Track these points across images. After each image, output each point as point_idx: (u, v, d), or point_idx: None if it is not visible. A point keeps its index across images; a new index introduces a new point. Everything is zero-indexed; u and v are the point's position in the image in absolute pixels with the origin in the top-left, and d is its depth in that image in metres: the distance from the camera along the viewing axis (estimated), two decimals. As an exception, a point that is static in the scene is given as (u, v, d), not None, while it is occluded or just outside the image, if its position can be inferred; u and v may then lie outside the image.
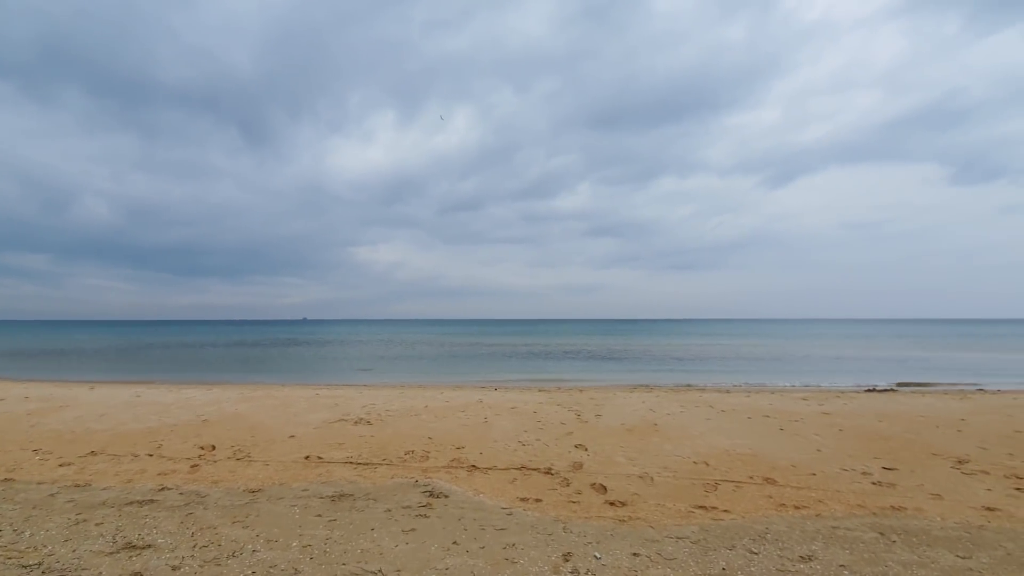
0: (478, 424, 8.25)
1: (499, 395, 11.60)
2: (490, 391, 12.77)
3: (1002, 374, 20.54)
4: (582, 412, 9.20)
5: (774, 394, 11.38)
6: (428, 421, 8.48)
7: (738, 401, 10.31)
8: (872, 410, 9.20)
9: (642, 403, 10.13)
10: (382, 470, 5.91)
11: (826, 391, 12.87)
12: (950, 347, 37.45)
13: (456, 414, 9.09)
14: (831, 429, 7.73)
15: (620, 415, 8.91)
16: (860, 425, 8.00)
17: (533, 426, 8.08)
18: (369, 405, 9.95)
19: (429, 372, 21.96)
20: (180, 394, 11.60)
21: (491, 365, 25.42)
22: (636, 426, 8.03)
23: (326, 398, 10.93)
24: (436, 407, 9.78)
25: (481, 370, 22.93)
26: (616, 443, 6.99)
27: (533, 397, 11.21)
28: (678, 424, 8.15)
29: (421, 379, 18.87)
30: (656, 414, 8.98)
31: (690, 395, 11.49)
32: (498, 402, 10.37)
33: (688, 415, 8.87)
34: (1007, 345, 39.44)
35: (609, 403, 10.20)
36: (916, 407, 9.56)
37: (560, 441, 7.13)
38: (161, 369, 23.94)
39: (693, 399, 10.66)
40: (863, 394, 11.89)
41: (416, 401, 10.48)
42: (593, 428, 7.92)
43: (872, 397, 10.97)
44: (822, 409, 9.34)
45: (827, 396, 11.20)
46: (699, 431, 7.66)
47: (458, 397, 11.13)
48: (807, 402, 10.11)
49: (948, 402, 10.12)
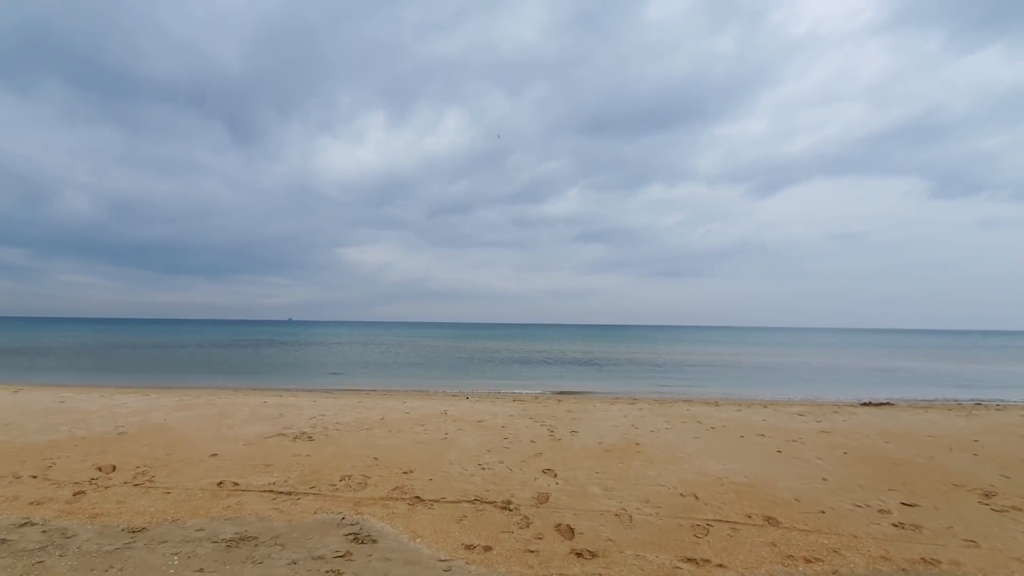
0: (436, 441, 7.22)
1: (468, 405, 10.57)
2: (460, 400, 11.74)
3: (990, 386, 20.20)
4: (556, 428, 8.21)
5: (767, 408, 10.50)
6: (379, 437, 7.43)
7: (729, 416, 9.41)
8: (875, 428, 8.36)
9: (624, 417, 9.18)
10: (306, 502, 4.87)
11: (821, 404, 12.06)
12: (933, 358, 37.35)
13: (414, 428, 8.05)
14: (834, 451, 6.85)
15: (598, 432, 7.94)
16: (865, 447, 7.13)
17: (498, 444, 7.07)
18: (318, 416, 8.86)
19: (403, 377, 20.82)
20: (110, 400, 10.37)
21: (470, 371, 24.36)
22: (615, 445, 7.06)
23: (273, 407, 9.81)
24: (393, 419, 8.73)
25: (458, 376, 21.85)
26: (591, 467, 6.01)
27: (505, 408, 10.21)
28: (663, 443, 7.21)
29: (392, 384, 17.75)
30: (639, 431, 8.03)
31: (676, 408, 10.57)
32: (465, 414, 9.35)
33: (674, 432, 7.94)
34: (987, 356, 39.63)
35: (587, 417, 9.23)
36: (921, 425, 8.75)
37: (527, 464, 6.13)
38: (117, 370, 22.47)
39: (680, 413, 9.74)
40: (860, 408, 11.08)
41: (373, 412, 9.41)
42: (567, 448, 6.94)
43: (871, 412, 10.16)
44: (821, 426, 8.48)
45: (823, 411, 10.37)
46: (687, 452, 6.73)
47: (422, 407, 10.07)
48: (803, 418, 9.25)
49: (954, 419, 9.34)
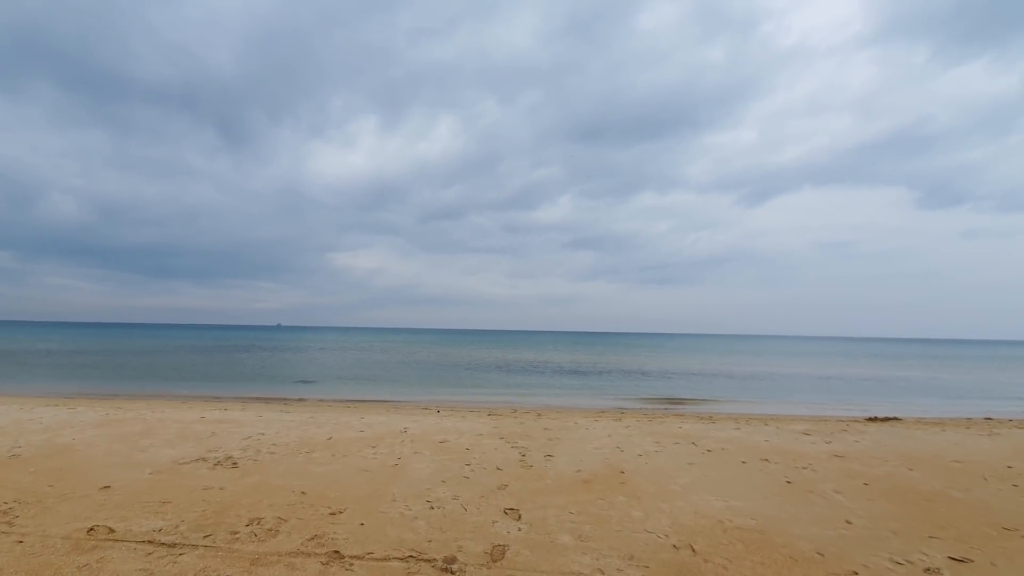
0: (384, 468, 6.07)
1: (435, 421, 9.41)
2: (428, 415, 10.57)
3: (986, 397, 19.61)
4: (529, 450, 7.09)
5: (768, 426, 9.44)
6: (318, 463, 6.26)
7: (727, 435, 8.34)
8: (893, 451, 7.33)
9: (608, 437, 8.08)
10: (189, 559, 3.70)
11: (826, 420, 11.05)
12: (923, 367, 36.79)
13: (363, 451, 6.89)
14: (853, 482, 5.79)
15: (577, 456, 6.83)
16: (888, 476, 6.08)
17: (457, 473, 5.94)
18: (256, 436, 7.67)
19: (376, 386, 19.58)
20: (27, 414, 9.08)
21: (449, 380, 23.15)
22: (596, 474, 5.95)
23: (209, 424, 8.59)
24: (343, 440, 7.55)
25: (435, 385, 20.65)
26: (565, 505, 4.90)
27: (476, 425, 9.06)
28: (652, 471, 6.12)
29: (362, 394, 16.53)
30: (624, 454, 6.93)
31: (667, 425, 9.48)
32: (427, 432, 8.19)
33: (665, 457, 6.85)
34: (973, 366, 39.16)
35: (567, 436, 8.12)
36: (942, 446, 7.74)
37: (486, 501, 5.00)
38: (73, 377, 21.01)
39: (671, 432, 8.65)
40: (869, 425, 10.08)
41: (322, 430, 8.23)
42: (538, 477, 5.82)
43: (882, 431, 9.14)
44: (831, 449, 7.43)
45: (830, 428, 9.34)
46: (680, 484, 5.63)
47: (381, 424, 8.89)
48: (810, 438, 8.20)
49: (976, 439, 8.34)
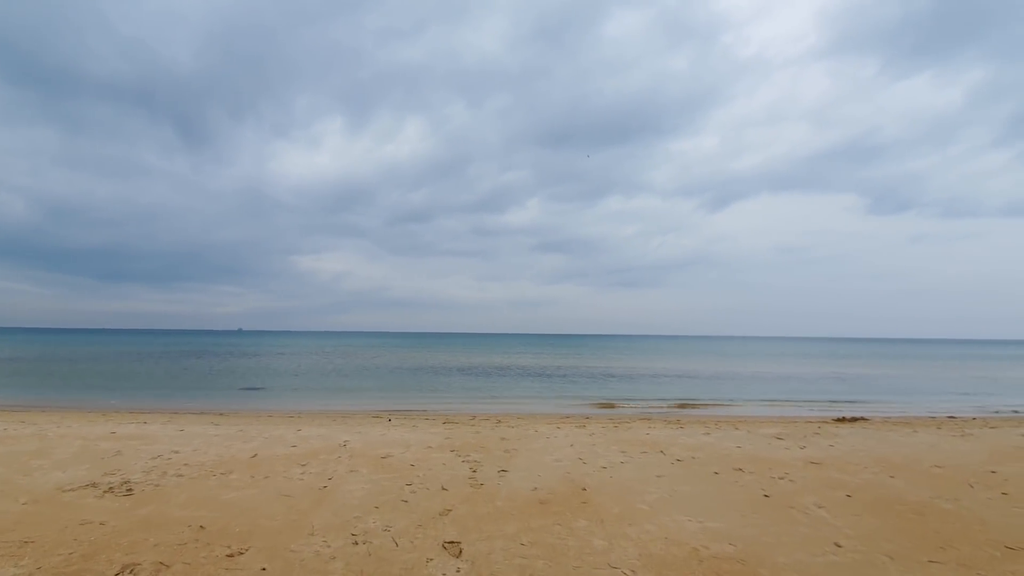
0: (310, 492, 5.18)
1: (381, 432, 8.51)
2: (377, 425, 9.65)
3: (938, 392, 20.26)
4: (482, 465, 6.31)
5: (739, 430, 8.94)
6: (233, 486, 5.31)
7: (697, 442, 7.78)
8: (870, 456, 6.91)
9: (570, 447, 7.39)
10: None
11: (795, 421, 10.71)
12: (877, 366, 37.93)
13: (290, 470, 5.97)
14: (835, 494, 5.27)
15: (535, 470, 6.10)
16: (870, 485, 5.59)
17: (396, 495, 5.11)
18: (168, 454, 6.61)
19: (328, 394, 18.41)
20: None
21: (409, 385, 22.11)
22: (554, 493, 5.23)
23: (119, 440, 7.45)
24: (270, 457, 6.59)
25: (394, 391, 19.62)
26: (516, 534, 4.15)
27: (427, 435, 8.22)
28: (618, 487, 5.44)
29: (311, 402, 15.39)
30: (587, 467, 6.24)
31: (634, 431, 8.87)
32: (370, 446, 7.30)
33: (632, 468, 6.20)
34: (925, 364, 40.71)
35: (525, 447, 7.38)
36: (918, 449, 7.39)
37: (424, 531, 4.20)
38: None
39: (638, 439, 8.03)
40: (841, 428, 9.75)
41: (249, 445, 7.23)
42: (488, 499, 5.06)
43: (854, 433, 8.79)
44: (807, 455, 6.95)
45: (801, 430, 8.94)
46: (649, 502, 4.98)
47: (318, 437, 7.93)
48: (783, 443, 7.72)
49: (950, 441, 8.06)
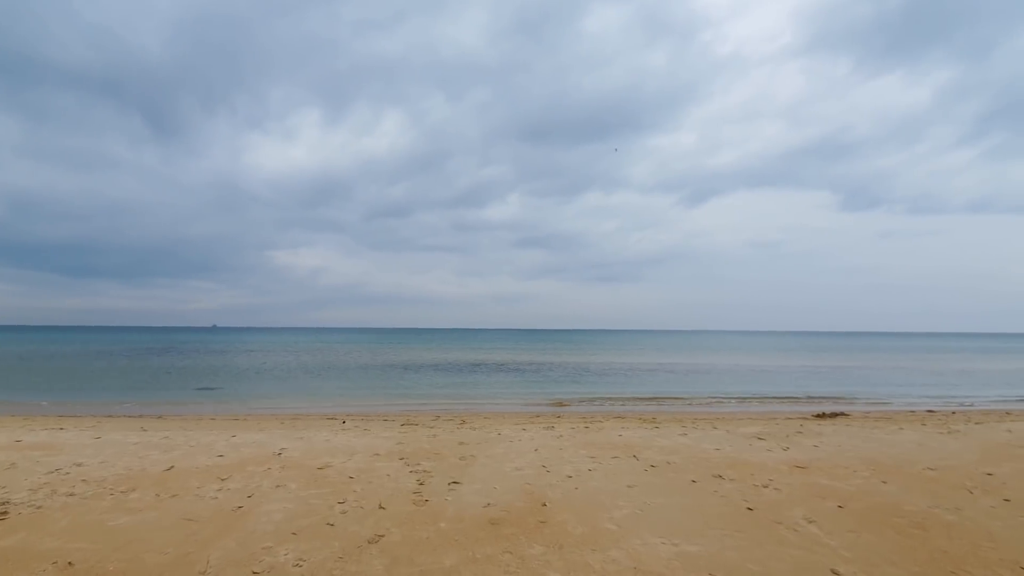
0: (220, 514, 4.33)
1: (327, 437, 7.64)
2: (327, 427, 8.79)
3: (911, 384, 20.35)
4: (432, 476, 5.54)
5: (717, 429, 8.36)
6: (130, 508, 4.42)
7: (673, 444, 7.15)
8: (857, 458, 6.37)
9: (535, 451, 6.66)
10: None
11: (774, 417, 10.22)
12: (850, 358, 38.37)
13: (206, 486, 5.10)
14: (826, 506, 4.66)
15: (492, 481, 5.35)
16: (862, 493, 5.01)
17: (322, 517, 4.31)
18: (69, 467, 5.66)
19: (288, 393, 17.39)
20: None
21: (377, 383, 21.16)
22: (510, 509, 4.50)
23: (20, 450, 6.43)
24: (186, 470, 5.70)
25: (360, 389, 18.69)
26: (456, 567, 3.40)
27: (377, 440, 7.41)
28: (583, 500, 4.74)
29: (267, 402, 14.42)
30: (551, 476, 5.53)
31: (606, 432, 8.20)
32: (310, 454, 6.46)
33: (601, 476, 5.51)
34: (894, 356, 41.38)
35: (485, 452, 6.63)
36: (906, 449, 6.89)
37: (343, 568, 3.42)
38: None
39: (610, 441, 7.36)
40: (822, 424, 9.29)
41: (168, 456, 6.31)
42: (431, 519, 4.29)
43: (837, 431, 8.29)
44: (790, 457, 6.38)
45: (782, 428, 8.41)
46: (618, 519, 4.29)
47: (252, 445, 7.03)
48: (765, 444, 7.15)
49: (938, 438, 7.60)
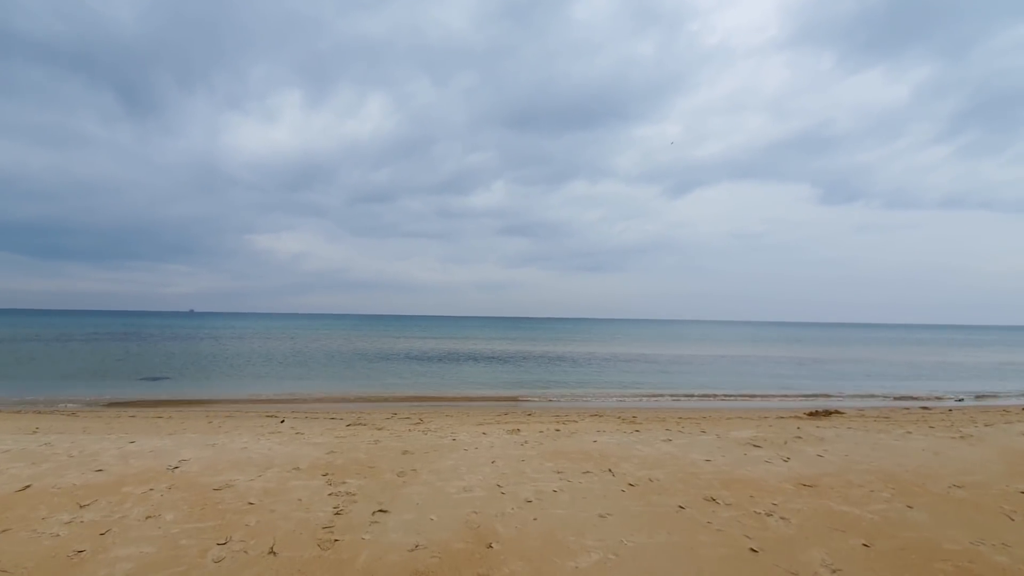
0: (47, 566, 3.12)
1: (243, 444, 6.36)
2: (254, 429, 7.55)
3: (893, 377, 20.14)
4: (354, 501, 4.37)
5: (706, 433, 7.31)
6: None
7: (656, 453, 6.09)
8: (870, 471, 5.39)
9: (491, 464, 5.54)
10: None
11: (766, 415, 9.29)
12: (830, 349, 38.31)
13: (53, 516, 3.85)
14: (849, 543, 3.63)
15: (428, 508, 4.21)
16: (888, 523, 4.00)
17: (185, 567, 3.14)
18: None
19: (240, 382, 16.08)
20: None
21: (342, 372, 19.89)
22: (445, 552, 3.37)
23: None
24: (44, 490, 4.44)
25: (318, 379, 17.45)
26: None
27: (304, 449, 6.18)
28: (543, 537, 3.64)
29: (207, 394, 13.12)
30: (505, 499, 4.42)
31: (578, 438, 7.07)
32: (209, 468, 5.22)
33: (567, 501, 4.42)
34: (871, 347, 41.54)
35: (432, 465, 5.48)
36: (922, 460, 5.94)
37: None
38: None
39: (583, 450, 6.26)
40: (821, 426, 8.38)
41: (31, 470, 4.98)
42: (334, 570, 3.15)
43: (840, 436, 7.33)
44: (794, 471, 5.36)
45: (777, 432, 7.43)
46: (585, 568, 3.20)
47: (146, 455, 5.74)
48: (762, 452, 6.13)
49: (952, 445, 6.69)
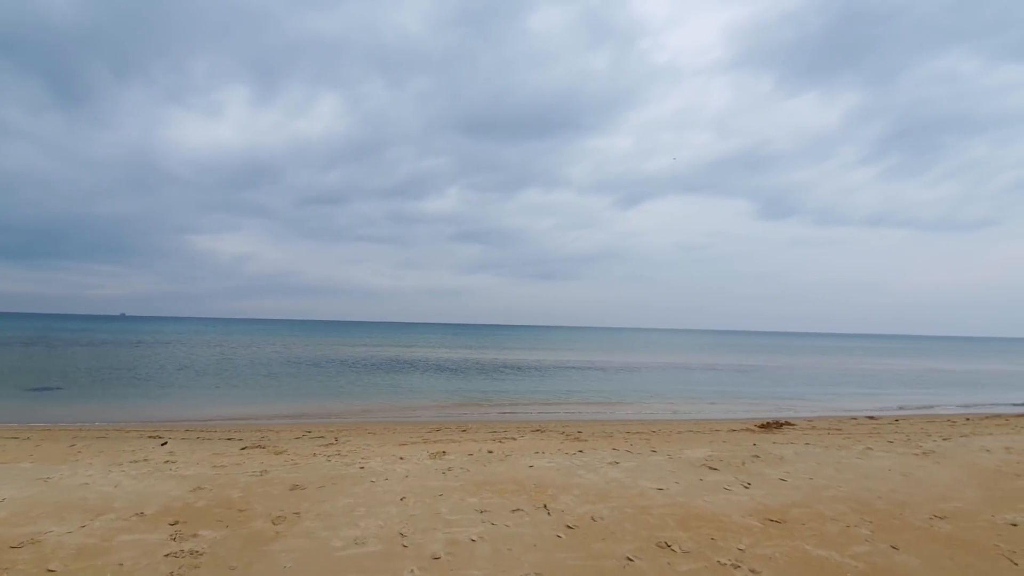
0: None
1: (85, 480, 4.88)
2: (132, 452, 6.07)
3: (838, 385, 20.44)
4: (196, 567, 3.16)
5: (657, 453, 6.45)
6: None
7: (601, 481, 5.16)
8: (840, 499, 4.70)
9: (399, 501, 4.43)
10: None
11: (717, 429, 8.66)
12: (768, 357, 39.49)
13: None
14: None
15: (301, 573, 3.11)
16: (875, 569, 3.26)
17: None
18: None
19: (136, 395, 14.18)
20: None
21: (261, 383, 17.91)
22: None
23: None
24: None
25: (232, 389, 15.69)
26: None
27: (164, 484, 4.84)
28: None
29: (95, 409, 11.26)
30: (407, 554, 3.33)
31: (513, 461, 6.00)
32: (26, 513, 3.83)
33: (489, 551, 3.38)
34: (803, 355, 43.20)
35: (323, 503, 4.32)
36: (891, 481, 5.35)
37: None
38: None
39: (516, 479, 5.25)
40: (777, 441, 7.82)
41: None
42: None
43: (799, 455, 6.72)
44: (758, 500, 4.58)
45: (732, 449, 6.74)
46: None
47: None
48: (719, 476, 5.33)
49: (919, 463, 6.16)
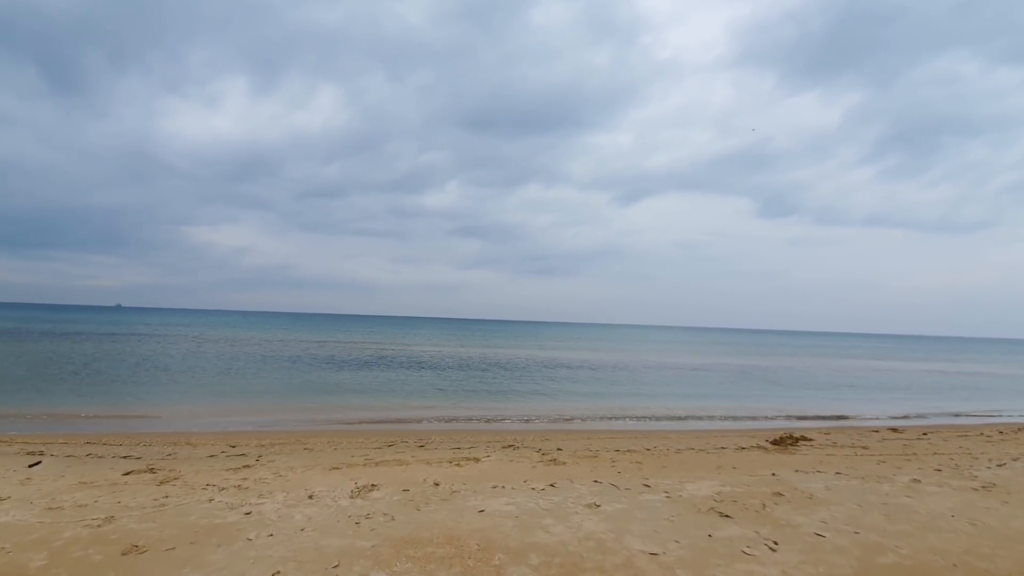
0: None
1: None
2: None
3: (843, 387, 19.83)
4: None
5: (650, 487, 5.08)
6: None
7: (573, 538, 3.82)
8: (903, 566, 3.46)
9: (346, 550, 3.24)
10: None
11: (722, 444, 7.40)
12: (769, 357, 38.12)
13: None
14: None
15: None
16: None
17: None
18: None
19: (88, 393, 13.50)
20: None
21: (224, 382, 16.63)
22: None
23: None
24: None
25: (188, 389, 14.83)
26: None
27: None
28: None
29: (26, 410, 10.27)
30: None
31: (463, 495, 4.63)
32: None
33: None
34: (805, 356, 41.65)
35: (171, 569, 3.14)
36: (963, 536, 4.03)
37: None
38: None
39: (453, 533, 3.87)
40: (798, 469, 6.56)
41: None
42: None
43: (830, 487, 5.43)
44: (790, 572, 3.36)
45: (745, 479, 5.47)
46: None
47: None
48: (734, 526, 4.05)
49: (979, 501, 4.86)
